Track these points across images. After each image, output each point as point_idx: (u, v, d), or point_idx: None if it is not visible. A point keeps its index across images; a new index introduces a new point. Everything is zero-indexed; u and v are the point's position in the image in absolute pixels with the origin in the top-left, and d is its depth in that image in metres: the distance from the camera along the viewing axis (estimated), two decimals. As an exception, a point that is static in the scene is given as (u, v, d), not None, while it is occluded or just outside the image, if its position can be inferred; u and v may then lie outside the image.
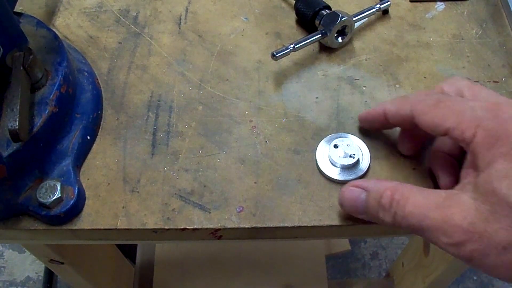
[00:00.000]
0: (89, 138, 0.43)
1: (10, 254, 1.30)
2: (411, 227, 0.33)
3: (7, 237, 0.42)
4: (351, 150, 0.41)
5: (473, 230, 0.31)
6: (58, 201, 0.38)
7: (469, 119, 0.33)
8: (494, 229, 0.30)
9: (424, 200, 0.33)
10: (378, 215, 0.35)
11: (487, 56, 0.49)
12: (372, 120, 0.42)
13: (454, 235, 0.31)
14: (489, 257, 0.31)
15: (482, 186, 0.31)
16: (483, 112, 0.33)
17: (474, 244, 0.31)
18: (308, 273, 1.04)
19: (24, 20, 0.44)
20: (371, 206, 0.36)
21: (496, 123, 0.32)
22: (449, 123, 0.33)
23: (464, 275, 1.24)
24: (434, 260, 0.79)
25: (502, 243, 0.30)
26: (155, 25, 0.52)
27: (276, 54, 0.45)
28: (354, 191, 0.37)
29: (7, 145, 0.36)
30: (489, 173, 0.31)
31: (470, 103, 0.34)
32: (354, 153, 0.41)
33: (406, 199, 0.34)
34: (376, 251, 1.29)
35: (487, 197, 0.31)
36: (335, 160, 0.41)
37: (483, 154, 0.32)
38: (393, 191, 0.34)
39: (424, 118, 0.35)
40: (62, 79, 0.40)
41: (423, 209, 0.33)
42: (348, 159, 0.41)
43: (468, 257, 0.31)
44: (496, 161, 0.31)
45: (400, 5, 0.53)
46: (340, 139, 0.42)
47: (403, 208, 0.33)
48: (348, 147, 0.41)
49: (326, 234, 0.42)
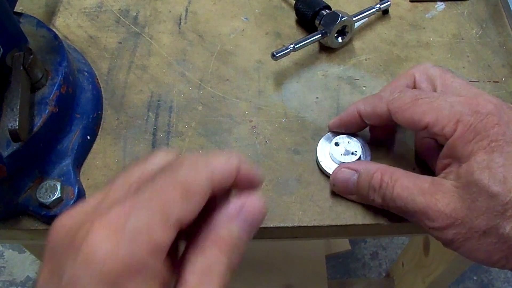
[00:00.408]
0: (89, 138, 0.43)
1: (10, 254, 1.30)
2: (398, 209, 0.36)
3: (7, 237, 0.42)
4: (352, 147, 0.41)
5: (455, 216, 0.33)
6: (58, 201, 0.38)
7: (448, 114, 0.34)
8: (475, 216, 0.32)
9: (411, 184, 0.35)
10: (368, 196, 0.37)
11: (487, 56, 0.49)
12: (346, 125, 0.42)
13: (438, 220, 0.33)
14: (470, 240, 0.33)
15: (464, 176, 0.33)
16: (462, 107, 0.34)
17: (456, 228, 0.33)
18: (308, 273, 1.04)
19: (24, 20, 0.44)
20: (361, 187, 0.38)
21: (475, 118, 0.33)
22: (428, 118, 0.35)
23: (464, 275, 1.24)
24: (434, 260, 0.79)
25: (482, 228, 0.32)
26: (155, 25, 0.52)
27: (276, 54, 0.45)
28: (346, 172, 0.39)
29: (7, 145, 0.36)
30: (470, 165, 0.33)
31: (448, 99, 0.35)
32: (355, 150, 0.41)
33: (395, 181, 0.36)
34: (376, 251, 1.29)
35: (469, 186, 0.33)
36: (337, 158, 0.41)
37: (463, 147, 0.33)
38: (382, 173, 0.36)
39: (403, 115, 0.36)
40: (62, 79, 0.40)
41: (410, 193, 0.35)
42: (350, 157, 0.41)
43: (449, 241, 0.34)
44: (477, 154, 0.33)
45: (400, 5, 0.53)
46: (340, 137, 0.42)
47: (392, 190, 0.36)
48: (349, 144, 0.41)
49: (326, 234, 0.42)
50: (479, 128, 0.33)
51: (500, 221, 0.32)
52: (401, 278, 1.02)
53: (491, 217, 0.32)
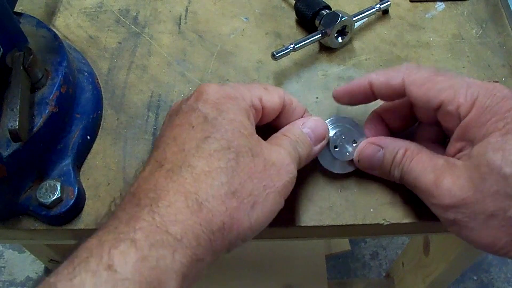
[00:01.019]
0: (89, 138, 0.43)
1: (10, 254, 1.30)
2: (410, 182, 0.36)
3: (7, 237, 0.42)
4: (350, 138, 0.40)
5: (460, 195, 0.33)
6: (58, 201, 0.38)
7: (465, 94, 0.34)
8: (483, 196, 0.32)
9: (427, 160, 0.35)
10: (389, 171, 0.38)
11: (487, 56, 0.49)
12: (353, 93, 0.40)
13: (443, 198, 0.33)
14: (474, 222, 0.32)
15: (476, 157, 0.33)
16: (479, 88, 0.34)
17: (460, 208, 0.33)
18: (308, 273, 1.04)
19: (24, 20, 0.44)
20: (386, 162, 0.38)
21: (492, 100, 0.33)
22: (444, 96, 0.34)
23: (464, 275, 1.24)
24: (434, 260, 0.79)
25: (489, 209, 0.32)
26: (155, 25, 0.52)
27: (276, 54, 0.45)
28: (372, 148, 0.39)
29: (7, 145, 0.36)
30: (483, 145, 0.32)
31: (466, 79, 0.35)
32: (354, 139, 0.40)
33: (415, 155, 0.36)
34: (376, 251, 1.29)
35: (479, 167, 0.32)
36: (341, 159, 0.40)
37: (478, 128, 0.33)
38: (406, 148, 0.37)
39: (418, 89, 0.36)
40: (62, 79, 0.40)
41: (423, 168, 0.35)
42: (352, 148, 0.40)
43: (451, 221, 0.34)
44: (491, 135, 0.32)
45: (400, 5, 0.53)
46: (335, 134, 0.40)
47: (409, 162, 0.36)
48: (344, 139, 0.40)
49: (326, 234, 0.42)
50: (495, 110, 0.33)
51: (509, 203, 0.31)
52: (401, 278, 1.02)
53: (500, 199, 0.31)
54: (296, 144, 0.36)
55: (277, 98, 0.37)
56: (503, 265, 1.27)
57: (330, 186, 0.41)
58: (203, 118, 0.32)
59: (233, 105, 0.33)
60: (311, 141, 0.37)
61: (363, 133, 0.41)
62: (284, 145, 0.35)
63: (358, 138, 0.40)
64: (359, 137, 0.40)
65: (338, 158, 0.40)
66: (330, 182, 0.41)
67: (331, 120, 0.41)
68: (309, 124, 0.38)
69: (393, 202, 0.40)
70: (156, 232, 0.28)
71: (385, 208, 0.40)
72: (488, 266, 1.27)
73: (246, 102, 0.34)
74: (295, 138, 0.36)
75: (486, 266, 1.27)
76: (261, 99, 0.36)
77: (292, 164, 0.34)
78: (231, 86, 0.35)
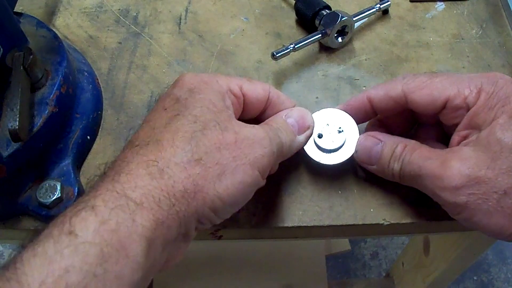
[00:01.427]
0: (89, 138, 0.43)
1: (10, 254, 1.30)
2: (412, 173, 0.35)
3: (7, 237, 0.42)
4: (336, 126, 0.40)
5: (472, 175, 0.32)
6: (58, 201, 0.38)
7: (469, 86, 0.35)
8: (495, 174, 0.31)
9: (429, 152, 0.35)
10: (389, 165, 0.37)
11: (487, 56, 0.49)
12: (352, 112, 0.40)
13: (452, 179, 0.32)
14: (487, 202, 0.31)
15: (485, 138, 0.33)
16: (482, 79, 0.35)
17: (471, 188, 0.32)
18: (308, 273, 1.04)
19: (24, 20, 0.44)
20: (384, 156, 0.37)
21: (496, 87, 0.34)
22: (448, 92, 0.35)
23: (464, 275, 1.24)
24: (434, 260, 0.79)
25: (503, 187, 0.31)
26: (155, 25, 0.52)
27: (276, 54, 0.45)
28: (372, 140, 0.38)
29: (7, 145, 0.36)
30: (492, 127, 0.33)
31: (464, 75, 0.36)
32: (339, 127, 0.40)
33: (415, 149, 0.36)
34: (376, 251, 1.29)
35: (489, 147, 0.32)
36: (326, 148, 0.39)
37: (486, 113, 0.33)
38: (407, 143, 0.36)
39: (420, 93, 0.36)
40: (62, 79, 0.40)
41: (426, 157, 0.35)
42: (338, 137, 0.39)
43: (463, 203, 0.32)
44: (500, 117, 0.33)
45: (400, 5, 0.53)
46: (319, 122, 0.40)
47: (410, 155, 0.35)
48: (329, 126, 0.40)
49: (326, 234, 0.42)
50: (500, 95, 0.33)
51: None
52: (401, 278, 1.02)
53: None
54: (277, 130, 0.35)
55: (261, 89, 0.37)
56: (503, 265, 1.27)
57: (330, 186, 0.41)
58: (175, 100, 0.33)
59: (206, 87, 0.34)
60: (294, 130, 0.37)
61: (350, 121, 0.40)
62: (262, 127, 0.35)
63: (344, 126, 0.39)
64: (345, 125, 0.40)
65: (322, 147, 0.39)
66: (330, 182, 0.41)
67: (318, 112, 0.41)
68: (292, 114, 0.38)
69: (393, 202, 0.40)
70: (116, 198, 0.28)
71: (385, 208, 0.40)
72: (488, 266, 1.27)
73: (221, 86, 0.35)
74: (276, 126, 0.36)
75: (486, 266, 1.27)
76: (242, 86, 0.36)
77: (267, 139, 0.33)
78: (209, 74, 0.36)
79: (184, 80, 0.35)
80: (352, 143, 0.39)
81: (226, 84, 0.35)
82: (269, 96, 0.38)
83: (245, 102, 0.37)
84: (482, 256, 1.27)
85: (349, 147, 0.39)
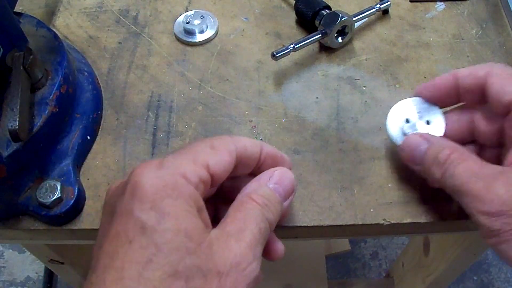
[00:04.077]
0: (89, 138, 0.43)
1: (10, 254, 1.30)
2: (454, 187, 0.33)
3: (7, 237, 0.42)
4: (425, 116, 0.39)
5: None
6: (58, 201, 0.38)
7: None
8: None
9: (477, 167, 0.33)
10: (430, 169, 0.35)
11: (487, 56, 0.49)
12: (437, 89, 0.39)
13: (491, 204, 0.31)
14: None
15: None
16: None
17: (508, 218, 0.31)
18: (308, 273, 1.04)
19: (24, 20, 0.44)
20: (428, 158, 0.36)
21: None
22: None
23: (464, 275, 1.24)
24: (434, 260, 0.79)
25: None
26: (155, 25, 0.52)
27: (276, 54, 0.45)
28: (418, 139, 0.37)
29: (7, 145, 0.36)
30: None
31: None
32: (428, 119, 0.39)
33: (462, 160, 0.34)
34: (376, 251, 1.29)
35: None
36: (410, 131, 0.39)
37: None
38: (453, 150, 0.35)
39: (499, 81, 0.35)
40: (62, 79, 0.40)
41: (472, 174, 0.33)
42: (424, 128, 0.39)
43: (495, 231, 0.31)
44: None
45: (400, 5, 0.53)
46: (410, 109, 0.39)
47: (455, 167, 0.34)
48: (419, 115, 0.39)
49: (326, 234, 0.42)
50: None
51: None
52: (401, 278, 1.02)
53: None
54: (265, 211, 0.31)
55: (227, 156, 0.32)
56: (503, 265, 1.27)
57: (330, 186, 0.41)
58: (141, 228, 0.27)
59: (175, 199, 0.28)
60: (280, 197, 0.33)
61: (442, 116, 0.39)
62: (248, 227, 0.30)
63: (434, 119, 0.39)
64: (435, 119, 0.39)
65: (406, 133, 0.39)
66: (330, 182, 0.41)
67: (413, 99, 0.40)
68: (275, 178, 0.34)
69: (393, 202, 0.40)
70: None
71: (385, 208, 0.40)
72: (488, 266, 1.27)
73: (190, 185, 0.29)
74: (263, 202, 0.32)
75: (486, 266, 1.27)
76: (208, 166, 0.31)
77: (253, 262, 0.29)
78: (171, 166, 0.29)
79: (144, 188, 0.28)
80: None
81: (195, 175, 0.29)
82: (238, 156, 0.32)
83: (212, 180, 0.31)
84: (482, 256, 1.27)
85: None
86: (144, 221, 0.27)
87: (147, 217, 0.27)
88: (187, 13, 0.52)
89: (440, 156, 0.35)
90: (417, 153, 0.37)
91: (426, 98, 0.40)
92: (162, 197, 0.28)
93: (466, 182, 0.33)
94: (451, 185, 0.34)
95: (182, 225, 0.28)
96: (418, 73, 0.48)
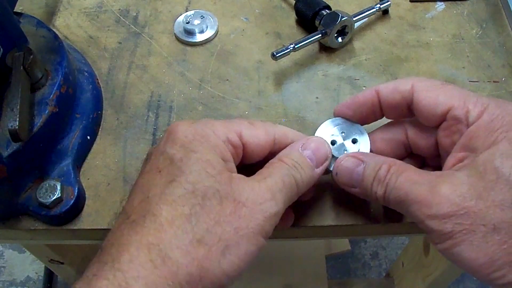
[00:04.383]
0: (89, 138, 0.43)
1: (10, 254, 1.30)
2: (398, 199, 0.32)
3: (7, 237, 0.42)
4: (350, 135, 0.38)
5: (461, 203, 0.30)
6: (58, 201, 0.38)
7: (475, 101, 0.33)
8: (487, 206, 0.29)
9: (417, 175, 0.32)
10: (371, 188, 0.34)
11: (487, 56, 0.49)
12: (359, 106, 0.38)
13: (439, 207, 0.30)
14: (473, 235, 0.29)
15: (482, 165, 0.30)
16: (490, 100, 0.33)
17: (459, 218, 0.29)
18: (308, 273, 1.04)
19: (24, 20, 0.44)
20: (367, 178, 0.34)
21: (501, 111, 0.32)
22: (454, 101, 0.33)
23: (464, 275, 1.24)
24: (434, 260, 0.79)
25: (493, 221, 0.29)
26: (155, 25, 0.52)
27: (276, 54, 0.45)
28: (353, 161, 0.36)
29: (7, 145, 0.36)
30: (491, 153, 0.31)
31: (475, 94, 0.34)
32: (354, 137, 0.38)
33: (401, 172, 0.33)
34: (376, 251, 1.29)
35: (485, 175, 0.30)
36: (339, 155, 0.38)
37: (486, 135, 0.31)
38: (391, 164, 0.34)
39: (427, 94, 0.34)
40: (62, 79, 0.40)
41: (413, 182, 0.32)
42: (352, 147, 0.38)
43: (447, 234, 0.30)
44: (500, 143, 0.31)
45: (400, 5, 0.53)
46: (334, 129, 0.39)
47: (395, 179, 0.33)
48: (344, 135, 0.38)
49: (326, 234, 0.42)
50: (506, 119, 0.31)
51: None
52: (401, 278, 1.02)
53: (506, 210, 0.29)
54: (292, 170, 0.33)
55: (263, 133, 0.35)
56: (503, 265, 1.27)
57: (330, 186, 0.41)
58: (170, 160, 0.31)
59: (202, 143, 0.32)
60: (312, 163, 0.35)
61: (365, 132, 0.38)
62: (272, 176, 0.32)
63: (359, 137, 0.38)
64: (360, 136, 0.38)
65: (334, 155, 0.38)
66: (330, 182, 0.41)
67: (332, 120, 0.39)
68: (309, 145, 0.35)
69: (393, 202, 0.40)
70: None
71: (385, 208, 0.40)
72: (488, 266, 1.27)
73: (218, 138, 0.32)
74: (292, 163, 0.34)
75: (486, 266, 1.27)
76: (241, 134, 0.34)
77: (271, 201, 0.31)
78: (203, 123, 0.33)
79: (177, 133, 0.32)
80: None
81: (224, 134, 0.33)
82: (275, 139, 0.35)
83: (245, 151, 0.34)
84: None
85: None
86: (172, 154, 0.31)
87: (175, 151, 0.31)
88: (187, 13, 0.52)
89: (380, 172, 0.34)
90: (354, 175, 0.35)
91: (348, 117, 0.39)
92: (191, 140, 0.32)
93: (409, 190, 0.32)
94: (395, 198, 0.33)
95: (205, 156, 0.31)
96: (418, 73, 0.48)
